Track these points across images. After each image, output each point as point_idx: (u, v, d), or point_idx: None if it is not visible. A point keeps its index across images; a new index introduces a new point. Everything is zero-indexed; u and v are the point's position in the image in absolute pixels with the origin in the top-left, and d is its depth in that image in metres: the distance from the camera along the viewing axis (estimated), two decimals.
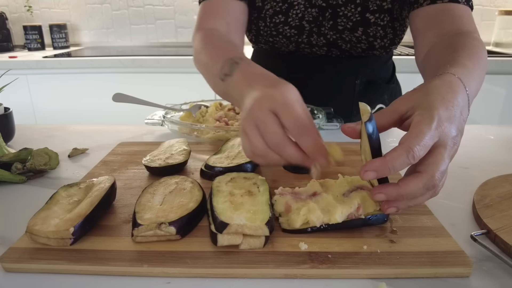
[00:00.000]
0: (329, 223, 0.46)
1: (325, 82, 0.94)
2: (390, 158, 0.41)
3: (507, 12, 2.15)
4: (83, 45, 2.51)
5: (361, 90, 0.94)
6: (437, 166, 0.41)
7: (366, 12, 0.82)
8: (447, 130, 0.42)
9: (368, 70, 0.94)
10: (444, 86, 0.46)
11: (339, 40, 0.86)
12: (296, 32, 0.87)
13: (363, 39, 0.85)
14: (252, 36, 0.94)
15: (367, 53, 0.89)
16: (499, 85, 1.87)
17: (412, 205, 0.45)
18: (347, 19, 0.84)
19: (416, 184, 0.41)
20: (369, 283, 0.40)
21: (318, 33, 0.87)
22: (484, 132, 0.89)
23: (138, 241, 0.44)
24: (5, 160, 0.66)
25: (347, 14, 0.84)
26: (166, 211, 0.47)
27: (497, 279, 0.41)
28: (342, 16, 0.84)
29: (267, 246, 0.44)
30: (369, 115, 0.43)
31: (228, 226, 0.42)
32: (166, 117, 0.85)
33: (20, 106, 1.81)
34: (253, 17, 0.90)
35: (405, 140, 0.41)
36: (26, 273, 0.42)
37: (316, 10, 0.85)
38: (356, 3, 0.83)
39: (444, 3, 0.72)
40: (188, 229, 0.46)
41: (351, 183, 0.52)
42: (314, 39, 0.88)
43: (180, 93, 1.94)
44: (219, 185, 0.52)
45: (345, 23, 0.84)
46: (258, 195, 0.49)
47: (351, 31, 0.84)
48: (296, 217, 0.46)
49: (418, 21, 0.75)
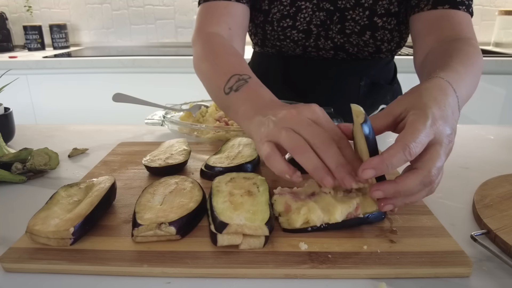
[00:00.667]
0: (329, 223, 0.46)
1: (329, 84, 0.94)
2: (387, 155, 0.41)
3: (507, 12, 2.15)
4: (83, 45, 2.51)
5: (365, 92, 0.95)
6: (434, 162, 0.42)
7: (374, 16, 0.82)
8: (441, 128, 0.43)
9: (372, 71, 0.94)
10: (435, 88, 0.48)
11: (347, 43, 0.86)
12: (304, 36, 0.87)
13: (371, 42, 0.85)
14: (258, 40, 0.92)
15: (373, 56, 0.89)
16: (499, 85, 1.87)
17: (408, 202, 0.45)
18: (355, 23, 0.83)
19: (413, 181, 0.42)
20: (369, 283, 0.40)
21: (325, 37, 0.86)
22: (484, 132, 0.89)
23: (138, 241, 0.44)
24: (5, 160, 0.66)
25: (355, 17, 0.83)
26: (166, 211, 0.47)
27: (497, 279, 0.41)
28: (350, 20, 0.84)
29: (267, 246, 0.44)
30: (363, 116, 0.43)
31: (227, 226, 0.42)
32: (166, 117, 0.85)
33: (20, 106, 1.81)
34: (259, 21, 0.88)
35: (401, 138, 0.42)
36: (26, 273, 0.42)
37: (324, 14, 0.84)
38: (364, 6, 0.82)
39: (445, 9, 0.72)
40: (188, 229, 0.46)
41: None
42: (322, 43, 0.87)
43: (180, 93, 1.93)
44: (218, 185, 0.52)
45: (353, 27, 0.84)
46: (258, 195, 0.49)
47: (358, 35, 0.84)
48: (296, 216, 0.46)
49: (419, 24, 0.76)
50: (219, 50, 0.71)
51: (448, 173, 0.67)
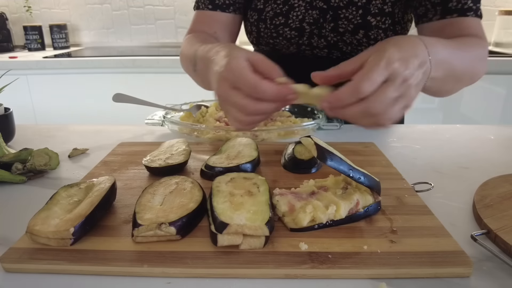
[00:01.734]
0: (334, 219, 0.47)
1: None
2: (339, 92, 0.46)
3: (507, 12, 2.15)
4: (83, 46, 2.51)
5: None
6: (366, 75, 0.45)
7: (368, 15, 0.82)
8: (397, 67, 0.46)
9: None
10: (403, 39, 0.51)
11: (340, 42, 0.86)
12: (297, 34, 0.87)
13: (364, 41, 0.85)
14: (253, 38, 0.95)
15: None
16: (499, 85, 1.87)
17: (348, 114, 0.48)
18: (348, 22, 0.84)
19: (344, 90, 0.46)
20: (369, 283, 0.40)
21: (318, 35, 0.87)
22: (484, 132, 0.89)
23: (138, 241, 0.44)
24: (5, 160, 0.66)
25: (348, 16, 0.83)
26: (166, 211, 0.47)
27: (497, 279, 0.41)
28: (343, 19, 0.84)
29: (267, 246, 0.44)
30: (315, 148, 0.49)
31: (228, 226, 0.42)
32: (166, 117, 0.85)
33: (20, 106, 1.81)
34: (253, 19, 0.91)
35: (355, 77, 0.46)
36: (26, 273, 0.42)
37: (317, 12, 0.85)
38: (357, 5, 0.83)
39: (453, 18, 0.73)
40: (188, 229, 0.46)
41: (344, 180, 0.54)
42: (315, 41, 0.88)
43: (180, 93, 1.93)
44: (219, 185, 0.52)
45: (346, 26, 0.84)
46: (258, 195, 0.49)
47: (352, 33, 0.84)
48: (303, 215, 0.47)
49: (426, 33, 0.78)
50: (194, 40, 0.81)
51: (448, 173, 0.67)
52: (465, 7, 0.73)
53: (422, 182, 0.61)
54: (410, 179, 0.61)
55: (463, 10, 0.73)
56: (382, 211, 0.51)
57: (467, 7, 0.73)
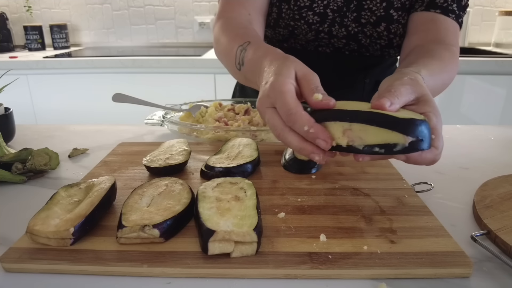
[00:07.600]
0: None
1: (334, 79, 0.94)
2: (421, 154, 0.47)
3: (507, 13, 2.15)
4: (84, 45, 2.51)
5: (369, 90, 0.96)
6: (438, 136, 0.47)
7: (391, 9, 0.83)
8: None
9: (377, 69, 0.95)
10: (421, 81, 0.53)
11: (360, 34, 0.86)
12: (319, 20, 0.86)
13: (384, 35, 0.85)
14: (272, 20, 0.91)
15: (383, 51, 0.90)
16: (499, 85, 1.87)
17: None
18: (371, 13, 0.84)
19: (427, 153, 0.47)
20: (369, 283, 0.40)
21: (340, 24, 0.86)
22: (484, 132, 0.89)
23: (122, 243, 0.44)
24: (5, 160, 0.66)
25: (372, 8, 0.84)
26: (152, 213, 0.46)
27: (497, 279, 0.41)
28: (367, 10, 0.84)
29: (267, 246, 0.44)
30: None
31: (214, 233, 0.41)
32: (166, 117, 0.85)
33: (20, 106, 1.81)
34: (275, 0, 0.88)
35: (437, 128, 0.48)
36: (26, 273, 0.42)
37: (342, 0, 0.85)
38: None
39: (436, 13, 0.78)
40: (173, 232, 0.46)
41: None
42: (335, 29, 0.87)
43: (180, 93, 1.94)
44: (204, 190, 0.51)
45: (369, 17, 0.84)
46: (245, 200, 0.48)
47: (373, 25, 0.85)
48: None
49: (410, 23, 0.82)
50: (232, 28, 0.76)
51: (448, 173, 0.67)
52: (449, 8, 0.77)
53: (422, 182, 0.61)
54: (410, 179, 0.61)
55: (447, 10, 0.77)
56: (382, 211, 0.51)
57: (451, 9, 0.77)
